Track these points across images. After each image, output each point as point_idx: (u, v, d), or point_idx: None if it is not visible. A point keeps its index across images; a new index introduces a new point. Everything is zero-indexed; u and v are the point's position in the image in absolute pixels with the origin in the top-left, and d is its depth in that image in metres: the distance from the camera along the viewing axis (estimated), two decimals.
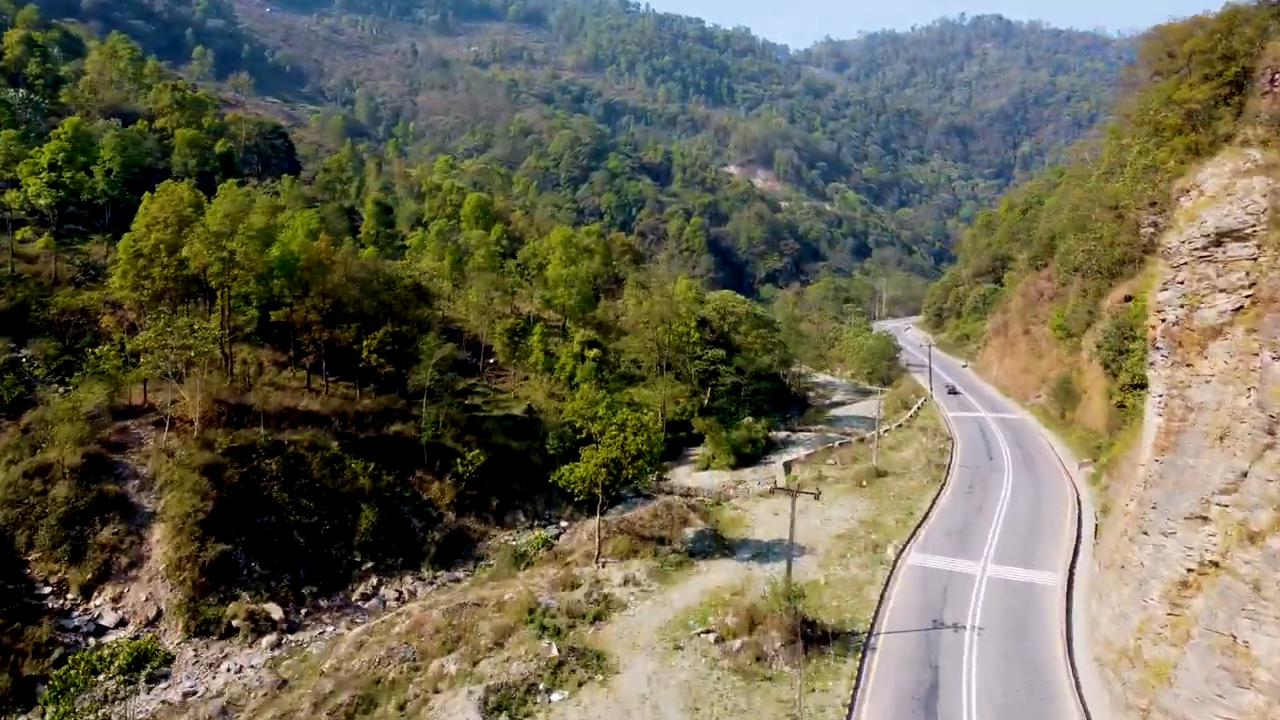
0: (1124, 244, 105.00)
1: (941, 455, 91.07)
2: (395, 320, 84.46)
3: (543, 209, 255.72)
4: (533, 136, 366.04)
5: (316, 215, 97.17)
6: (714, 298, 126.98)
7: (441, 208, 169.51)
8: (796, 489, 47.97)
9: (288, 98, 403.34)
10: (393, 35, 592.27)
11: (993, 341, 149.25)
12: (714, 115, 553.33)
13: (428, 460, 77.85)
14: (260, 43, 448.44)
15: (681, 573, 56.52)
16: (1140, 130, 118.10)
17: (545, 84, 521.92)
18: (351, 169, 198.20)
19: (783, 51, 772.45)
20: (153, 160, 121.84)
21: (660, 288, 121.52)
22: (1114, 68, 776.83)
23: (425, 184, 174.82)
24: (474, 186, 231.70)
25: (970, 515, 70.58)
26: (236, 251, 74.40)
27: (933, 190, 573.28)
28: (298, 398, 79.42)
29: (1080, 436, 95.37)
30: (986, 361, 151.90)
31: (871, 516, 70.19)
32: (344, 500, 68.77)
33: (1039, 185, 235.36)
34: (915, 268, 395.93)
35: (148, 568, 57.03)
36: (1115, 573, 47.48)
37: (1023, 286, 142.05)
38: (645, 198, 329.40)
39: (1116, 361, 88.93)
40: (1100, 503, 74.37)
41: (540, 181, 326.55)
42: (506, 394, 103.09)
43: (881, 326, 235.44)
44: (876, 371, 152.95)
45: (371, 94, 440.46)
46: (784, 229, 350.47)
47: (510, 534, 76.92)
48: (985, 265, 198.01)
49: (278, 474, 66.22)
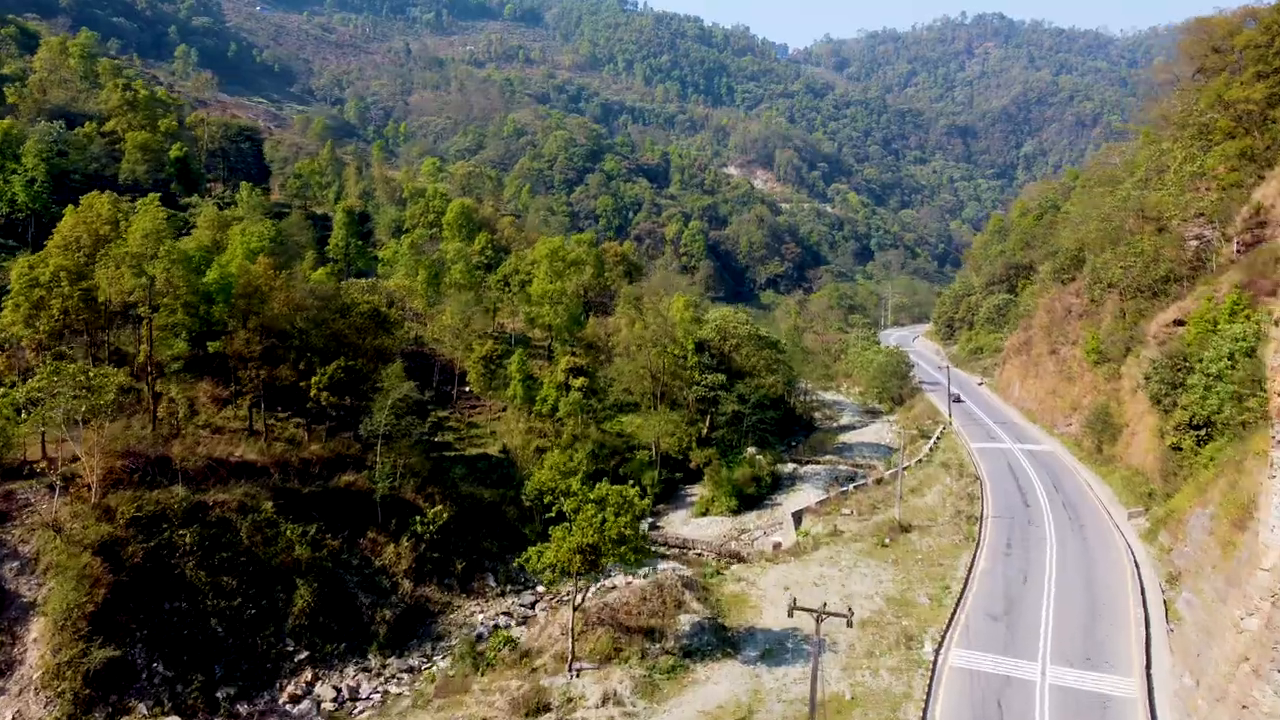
0: (1168, 260, 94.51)
1: (971, 502, 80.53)
2: (350, 352, 73.87)
3: (535, 213, 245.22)
4: (526, 137, 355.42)
5: (264, 231, 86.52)
6: (714, 317, 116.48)
7: (424, 215, 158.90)
8: (822, 612, 37.43)
9: (275, 97, 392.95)
10: (386, 34, 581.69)
11: (1013, 360, 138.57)
12: (713, 115, 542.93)
13: (382, 517, 67.28)
14: (249, 41, 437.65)
15: (674, 683, 45.98)
16: (1183, 133, 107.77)
17: (541, 83, 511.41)
18: (331, 173, 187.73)
19: (782, 50, 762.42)
20: (98, 167, 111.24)
21: (655, 308, 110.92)
22: (1116, 67, 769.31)
23: (407, 189, 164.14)
24: (463, 190, 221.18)
25: (1015, 587, 60.09)
26: (158, 277, 63.79)
27: (935, 191, 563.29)
28: (233, 444, 68.84)
29: (1125, 478, 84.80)
30: (1006, 380, 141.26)
31: (900, 591, 59.61)
32: (276, 575, 58.16)
33: (1052, 189, 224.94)
34: (919, 271, 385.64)
35: (19, 676, 46.44)
36: (1229, 712, 37.03)
37: (1047, 302, 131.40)
38: (642, 200, 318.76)
39: (1169, 396, 78.20)
40: (1163, 569, 63.95)
41: (534, 184, 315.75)
42: (482, 429, 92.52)
43: (887, 336, 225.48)
44: (887, 390, 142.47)
45: (362, 94, 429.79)
46: (785, 232, 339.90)
47: (478, 605, 66.30)
48: (999, 274, 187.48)
49: (194, 547, 55.56)
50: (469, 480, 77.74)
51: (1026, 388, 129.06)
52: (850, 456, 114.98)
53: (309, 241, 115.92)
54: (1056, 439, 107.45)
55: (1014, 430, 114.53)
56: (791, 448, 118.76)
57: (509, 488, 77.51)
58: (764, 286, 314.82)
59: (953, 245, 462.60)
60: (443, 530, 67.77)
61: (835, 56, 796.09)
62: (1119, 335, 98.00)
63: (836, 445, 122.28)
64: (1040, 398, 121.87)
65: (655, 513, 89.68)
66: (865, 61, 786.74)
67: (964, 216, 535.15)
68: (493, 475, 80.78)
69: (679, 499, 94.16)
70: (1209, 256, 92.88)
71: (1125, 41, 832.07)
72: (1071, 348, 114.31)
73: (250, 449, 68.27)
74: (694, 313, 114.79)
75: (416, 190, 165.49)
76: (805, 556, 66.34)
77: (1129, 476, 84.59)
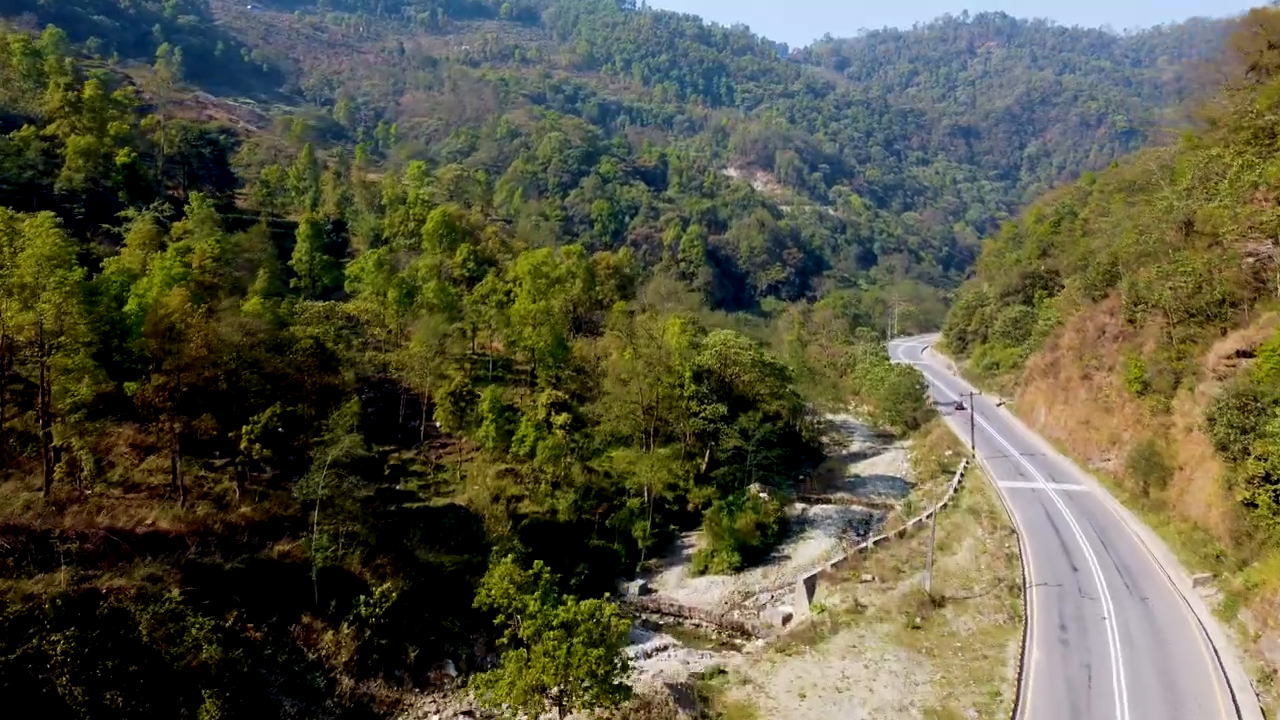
0: (1225, 280, 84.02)
1: (1009, 563, 69.99)
2: (289, 395, 63.29)
3: (527, 219, 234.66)
4: (520, 139, 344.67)
5: (207, 249, 75.86)
6: (714, 341, 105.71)
7: (404, 223, 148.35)
8: None
9: (263, 98, 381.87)
10: (379, 33, 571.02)
11: (1037, 382, 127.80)
12: (712, 115, 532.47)
13: (320, 597, 56.64)
14: (238, 40, 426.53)
15: None
16: (1236, 138, 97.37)
17: (537, 83, 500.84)
18: (310, 177, 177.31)
19: (782, 50, 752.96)
20: (34, 175, 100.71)
21: (648, 332, 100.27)
22: (1120, 66, 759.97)
23: (387, 195, 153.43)
24: (450, 195, 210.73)
25: (1078, 691, 49.53)
26: (47, 313, 53.22)
27: (938, 193, 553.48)
28: (146, 508, 58.21)
29: (1183, 533, 74.20)
30: (1028, 403, 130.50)
31: (940, 700, 48.98)
32: (179, 682, 47.54)
33: (1068, 193, 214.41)
34: (924, 275, 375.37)
35: None
36: None
37: (1077, 320, 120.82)
38: (639, 204, 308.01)
39: (1239, 442, 67.65)
40: (1250, 662, 53.41)
41: (527, 187, 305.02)
42: (451, 473, 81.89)
43: (895, 347, 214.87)
44: (900, 414, 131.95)
45: (353, 94, 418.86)
46: (786, 237, 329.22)
47: (434, 701, 55.66)
48: (1014, 284, 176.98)
49: (71, 655, 44.92)
50: (429, 543, 67.14)
51: (1055, 415, 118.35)
52: (864, 493, 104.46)
53: (268, 257, 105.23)
54: (1093, 477, 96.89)
55: (1044, 465, 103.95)
56: (799, 481, 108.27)
57: (475, 551, 66.89)
58: (765, 293, 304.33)
59: (956, 248, 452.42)
60: (393, 610, 57.18)
61: (836, 56, 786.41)
62: (1166, 364, 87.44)
63: (848, 479, 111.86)
64: (1071, 427, 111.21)
65: (648, 570, 79.06)
66: (866, 61, 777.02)
67: (967, 219, 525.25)
68: (458, 535, 70.16)
69: (674, 551, 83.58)
70: (1271, 278, 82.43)
71: (1128, 41, 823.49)
72: (1108, 374, 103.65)
73: (164, 515, 57.59)
74: (691, 335, 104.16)
75: (397, 197, 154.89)
76: (822, 645, 55.72)
77: (1188, 532, 73.99)
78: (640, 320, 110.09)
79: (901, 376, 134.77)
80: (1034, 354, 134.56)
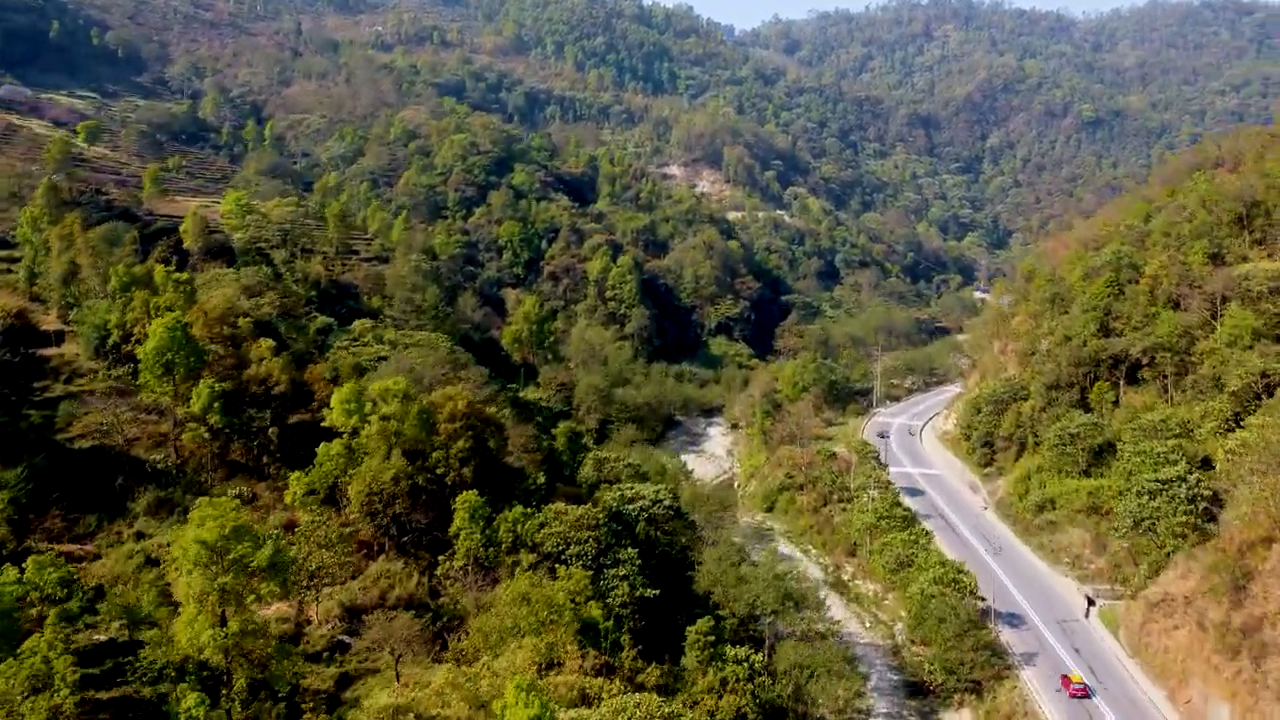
0: None
1: None
2: None
3: (403, 260, 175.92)
4: (418, 141, 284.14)
5: None
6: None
7: (139, 323, 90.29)
8: None
9: (111, 89, 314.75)
10: (275, 11, 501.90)
11: (1189, 627, 74.95)
12: (653, 105, 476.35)
13: None
14: (91, 20, 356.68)
15: None
16: None
17: (455, 70, 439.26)
18: (44, 223, 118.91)
19: (729, 32, 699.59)
20: None
21: None
22: (1081, 51, 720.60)
23: (115, 279, 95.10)
24: (282, 242, 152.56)
25: None
26: None
27: (898, 189, 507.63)
28: None
29: None
30: (1158, 642, 78.18)
31: None
32: None
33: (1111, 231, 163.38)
34: (893, 294, 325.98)
35: None
36: None
37: (1262, 500, 69.39)
38: (560, 225, 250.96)
39: None
40: None
41: (421, 204, 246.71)
42: None
43: (888, 430, 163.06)
44: (949, 660, 79.10)
45: (228, 85, 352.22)
46: (739, 262, 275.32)
47: None
48: (1065, 375, 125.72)
49: None
50: None
51: (1243, 704, 66.26)
52: None
53: None
54: None
55: None
56: None
57: None
58: (715, 332, 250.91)
59: (922, 254, 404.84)
60: None
61: (785, 38, 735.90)
62: None
63: None
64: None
65: None
66: (817, 44, 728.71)
67: (930, 218, 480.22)
68: None
69: None
70: None
71: (1087, 24, 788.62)
72: None
73: None
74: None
75: (136, 276, 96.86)
76: None
77: None
78: (450, 678, 52.60)
79: (943, 592, 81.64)
80: (1174, 568, 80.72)
